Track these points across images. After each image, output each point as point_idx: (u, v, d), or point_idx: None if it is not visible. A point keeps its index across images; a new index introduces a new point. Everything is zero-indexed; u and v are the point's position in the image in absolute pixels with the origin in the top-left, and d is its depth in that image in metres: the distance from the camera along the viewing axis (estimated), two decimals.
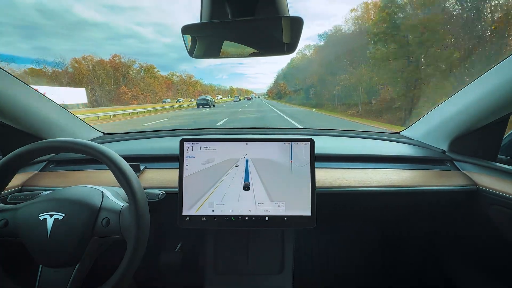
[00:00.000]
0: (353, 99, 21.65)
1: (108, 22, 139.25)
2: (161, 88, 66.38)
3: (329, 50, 35.30)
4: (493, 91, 0.75)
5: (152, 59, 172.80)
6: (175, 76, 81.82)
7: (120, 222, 0.58)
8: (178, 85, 79.55)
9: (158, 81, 66.33)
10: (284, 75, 78.30)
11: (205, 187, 0.75)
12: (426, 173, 0.92)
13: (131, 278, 0.58)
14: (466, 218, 0.97)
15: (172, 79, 79.07)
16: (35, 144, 0.59)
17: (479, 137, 0.89)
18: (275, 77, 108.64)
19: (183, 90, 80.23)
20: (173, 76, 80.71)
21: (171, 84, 75.37)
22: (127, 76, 57.24)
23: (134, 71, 59.94)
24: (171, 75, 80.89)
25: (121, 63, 56.77)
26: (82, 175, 0.93)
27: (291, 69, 69.83)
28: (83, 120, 1.20)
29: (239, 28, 0.66)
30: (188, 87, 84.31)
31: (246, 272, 1.01)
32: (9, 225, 0.58)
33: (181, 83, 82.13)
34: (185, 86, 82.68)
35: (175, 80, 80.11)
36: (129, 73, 57.72)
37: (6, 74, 0.83)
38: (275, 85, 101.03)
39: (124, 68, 57.03)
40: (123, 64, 57.03)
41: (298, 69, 58.45)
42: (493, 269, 0.95)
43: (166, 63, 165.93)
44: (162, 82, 69.29)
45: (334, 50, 31.95)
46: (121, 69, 56.44)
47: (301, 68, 57.41)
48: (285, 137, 0.77)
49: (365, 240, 1.34)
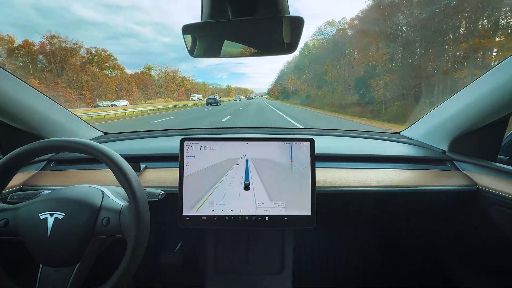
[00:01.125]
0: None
1: (107, 21, 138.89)
2: (127, 85, 47.44)
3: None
4: (493, 91, 0.75)
5: (152, 58, 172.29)
6: (156, 71, 62.29)
7: (120, 221, 0.58)
8: (158, 82, 60.79)
9: (119, 76, 46.22)
10: (297, 64, 53.12)
11: (205, 186, 0.75)
12: (426, 173, 0.92)
13: (131, 278, 0.58)
14: (466, 218, 0.97)
15: (149, 74, 59.67)
16: (35, 143, 0.59)
17: (479, 137, 0.89)
18: (279, 72, 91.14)
19: (163, 88, 60.71)
20: (150, 71, 60.29)
21: (147, 80, 57.13)
22: (66, 65, 38.19)
23: (80, 59, 40.81)
24: (147, 69, 60.35)
25: (59, 48, 38.28)
26: (82, 175, 0.93)
27: (306, 56, 45.44)
28: (83, 120, 1.20)
29: (239, 28, 0.66)
30: (169, 84, 63.59)
31: (246, 272, 1.01)
32: (9, 224, 0.58)
33: (162, 79, 62.56)
34: (165, 84, 62.46)
35: (157, 76, 61.93)
36: (68, 62, 38.43)
37: (6, 74, 0.83)
38: (277, 84, 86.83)
39: (62, 54, 38.46)
40: (62, 49, 38.51)
41: (328, 49, 34.93)
42: (493, 269, 0.95)
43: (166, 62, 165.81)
44: (124, 77, 48.04)
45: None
46: (58, 56, 38.06)
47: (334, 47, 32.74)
48: (285, 137, 0.77)
49: (365, 240, 1.34)
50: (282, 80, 71.75)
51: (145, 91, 54.92)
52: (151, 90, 56.60)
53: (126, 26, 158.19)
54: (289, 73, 61.69)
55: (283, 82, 69.05)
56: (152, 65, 65.97)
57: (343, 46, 30.33)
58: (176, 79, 67.05)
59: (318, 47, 40.33)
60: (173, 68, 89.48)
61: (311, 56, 43.63)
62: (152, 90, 57.03)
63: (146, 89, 55.59)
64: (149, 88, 56.91)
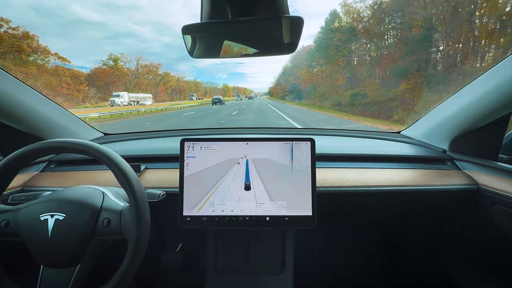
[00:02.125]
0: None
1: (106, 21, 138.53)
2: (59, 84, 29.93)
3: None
4: (494, 90, 0.75)
5: (152, 58, 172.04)
6: (124, 63, 44.86)
7: (120, 222, 0.58)
8: (126, 77, 44.68)
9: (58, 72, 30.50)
10: (320, 43, 29.43)
11: (206, 187, 0.75)
12: (426, 173, 0.92)
13: (132, 279, 0.58)
14: (467, 218, 0.97)
15: (116, 66, 43.45)
16: (35, 144, 0.59)
17: (480, 136, 0.89)
18: (282, 69, 73.97)
19: (132, 86, 44.63)
20: (116, 62, 43.09)
21: (111, 75, 42.36)
22: None
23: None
24: (112, 60, 42.54)
25: None
26: (82, 176, 0.93)
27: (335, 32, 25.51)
28: (84, 121, 1.20)
29: (239, 28, 0.66)
30: (140, 80, 47.24)
31: (247, 272, 1.01)
32: (10, 225, 0.58)
33: (133, 73, 45.89)
34: (137, 80, 46.32)
35: (139, 71, 46.63)
36: None
37: (6, 75, 0.83)
38: (280, 81, 69.33)
39: None
40: None
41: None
42: (494, 268, 0.95)
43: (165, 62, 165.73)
44: (64, 73, 31.19)
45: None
46: None
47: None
48: (285, 137, 0.77)
49: (365, 240, 1.34)
50: (291, 74, 51.35)
51: (108, 88, 39.95)
52: (119, 88, 42.08)
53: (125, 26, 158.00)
54: (300, 64, 40.05)
55: (289, 77, 52.34)
56: (119, 55, 48.97)
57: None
58: (154, 74, 50.64)
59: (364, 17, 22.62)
60: (152, 61, 71.79)
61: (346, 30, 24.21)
62: (121, 88, 42.04)
63: (111, 86, 40.95)
64: (115, 84, 42.18)
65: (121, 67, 45.13)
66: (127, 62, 46.96)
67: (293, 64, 50.62)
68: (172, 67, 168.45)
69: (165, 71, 57.98)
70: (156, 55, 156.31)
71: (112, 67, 43.96)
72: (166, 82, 54.76)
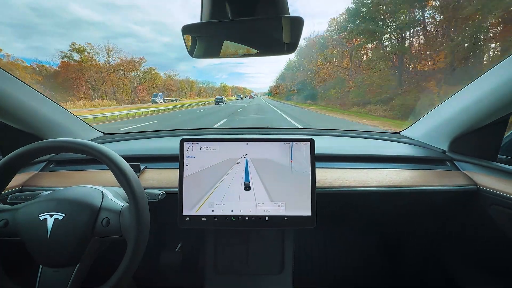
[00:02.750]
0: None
1: (105, 21, 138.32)
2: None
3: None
4: (493, 91, 0.75)
5: (151, 58, 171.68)
6: (90, 55, 36.37)
7: (120, 222, 0.58)
8: (94, 72, 36.02)
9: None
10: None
11: (205, 187, 0.75)
12: (426, 173, 0.92)
13: (131, 278, 0.58)
14: (466, 218, 0.97)
15: (85, 58, 35.32)
16: (35, 144, 0.59)
17: (479, 137, 0.89)
18: (285, 65, 66.51)
19: (99, 83, 35.92)
20: (82, 54, 34.99)
21: (75, 69, 34.35)
22: None
23: None
24: (76, 51, 34.69)
25: None
26: (82, 175, 0.93)
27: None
28: (83, 120, 1.20)
29: (239, 28, 0.66)
30: (110, 75, 37.71)
31: (246, 272, 1.01)
32: (9, 225, 0.58)
33: (102, 68, 37.25)
34: (106, 75, 37.24)
35: (114, 65, 37.56)
36: None
37: (6, 74, 0.83)
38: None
39: None
40: None
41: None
42: (494, 269, 0.95)
43: (165, 62, 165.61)
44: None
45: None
46: None
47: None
48: (285, 137, 0.77)
49: (365, 240, 1.34)
50: (298, 70, 42.88)
51: (72, 86, 32.74)
52: (85, 87, 34.43)
53: (125, 26, 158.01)
54: (313, 55, 31.32)
55: (296, 74, 44.18)
56: (85, 45, 37.23)
57: None
58: (133, 69, 41.05)
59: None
60: (134, 56, 55.39)
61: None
62: (86, 86, 34.66)
63: (76, 83, 33.14)
64: (79, 81, 33.88)
65: (86, 59, 35.73)
66: (95, 54, 37.21)
67: (299, 58, 39.46)
68: (172, 67, 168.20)
69: (150, 66, 49.80)
70: (156, 55, 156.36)
71: (76, 61, 35.41)
72: (151, 80, 46.37)
